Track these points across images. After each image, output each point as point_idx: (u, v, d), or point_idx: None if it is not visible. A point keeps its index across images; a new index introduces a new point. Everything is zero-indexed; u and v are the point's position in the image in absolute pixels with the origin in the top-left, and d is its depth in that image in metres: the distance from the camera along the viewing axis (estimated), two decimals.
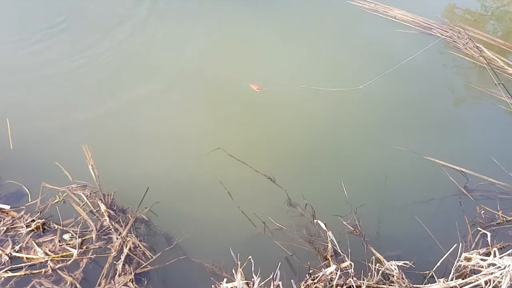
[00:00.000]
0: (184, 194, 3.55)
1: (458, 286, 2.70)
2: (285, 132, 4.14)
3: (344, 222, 3.31)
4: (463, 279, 2.77)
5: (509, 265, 2.62)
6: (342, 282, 2.70)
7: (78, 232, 3.07)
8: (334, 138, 4.11)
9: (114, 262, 2.96)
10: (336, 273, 2.70)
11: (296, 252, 3.21)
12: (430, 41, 5.22)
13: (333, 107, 4.38)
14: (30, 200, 3.29)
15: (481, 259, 2.83)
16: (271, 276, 2.57)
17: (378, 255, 3.12)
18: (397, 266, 2.83)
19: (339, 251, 3.06)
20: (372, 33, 5.41)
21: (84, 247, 3.03)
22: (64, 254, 2.97)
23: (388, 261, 2.89)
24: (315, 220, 3.29)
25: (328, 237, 3.09)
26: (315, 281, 2.72)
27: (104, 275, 2.91)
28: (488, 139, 4.29)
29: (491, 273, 2.70)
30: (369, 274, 2.85)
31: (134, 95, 4.28)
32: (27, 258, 2.92)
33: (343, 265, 2.88)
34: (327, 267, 2.85)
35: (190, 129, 4.05)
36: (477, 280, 2.70)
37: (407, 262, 2.86)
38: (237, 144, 3.85)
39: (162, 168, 3.68)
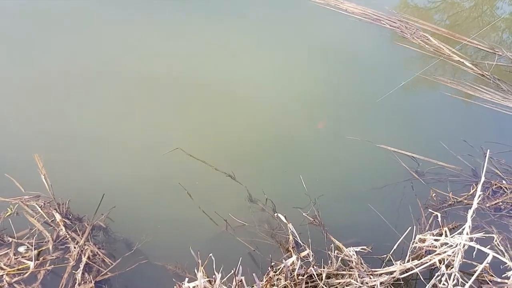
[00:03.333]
0: (142, 198, 3.51)
1: (414, 267, 2.79)
2: (242, 129, 4.16)
3: (304, 214, 3.38)
4: (418, 259, 2.86)
5: (460, 243, 2.74)
6: (303, 272, 2.75)
7: (33, 244, 2.98)
8: (290, 132, 4.16)
9: (73, 271, 2.89)
10: (297, 263, 2.75)
11: (259, 246, 3.24)
12: (379, 32, 5.40)
13: (287, 101, 4.44)
14: None
15: (435, 240, 2.94)
16: (232, 272, 2.59)
17: (337, 242, 3.21)
18: (356, 252, 2.91)
19: (300, 242, 3.12)
20: (325, 27, 5.50)
21: (41, 258, 2.94)
22: (20, 267, 2.88)
23: (347, 248, 2.96)
24: (275, 214, 3.33)
25: (289, 229, 3.15)
26: (277, 272, 2.75)
27: (63, 286, 2.84)
28: (436, 125, 4.48)
29: (444, 252, 2.81)
30: (329, 261, 2.92)
31: (85, 100, 4.18)
32: None
33: (303, 254, 2.93)
34: (288, 258, 2.89)
35: (146, 132, 3.99)
36: (432, 260, 2.81)
37: (365, 247, 2.95)
38: (195, 145, 3.84)
39: (118, 173, 3.63)
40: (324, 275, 2.74)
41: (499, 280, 2.90)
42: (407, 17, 5.78)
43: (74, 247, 3.01)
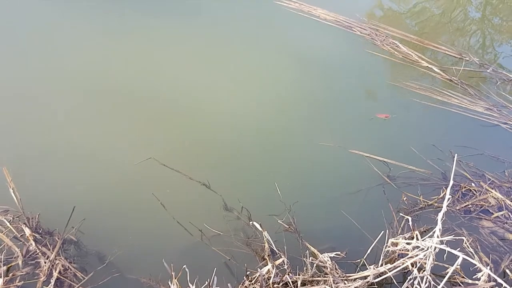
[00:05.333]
0: (114, 210, 3.44)
1: (387, 271, 2.83)
2: (215, 138, 4.14)
3: (279, 221, 3.39)
4: (392, 263, 2.90)
5: (431, 246, 2.79)
6: (278, 280, 2.76)
7: (2, 259, 2.89)
8: (263, 139, 4.18)
9: (44, 287, 2.81)
10: (273, 271, 2.75)
11: (235, 256, 3.23)
12: (350, 39, 5.50)
13: (259, 108, 4.46)
14: None
15: (407, 243, 2.98)
16: (207, 283, 2.57)
17: (312, 249, 3.23)
18: (330, 257, 2.93)
19: (276, 249, 3.12)
20: (297, 33, 5.56)
21: (11, 274, 2.86)
22: None
23: (322, 254, 2.98)
24: (251, 222, 3.33)
25: (264, 237, 3.14)
26: (252, 282, 2.76)
27: None
28: (406, 130, 4.58)
29: (416, 255, 2.85)
30: (305, 268, 2.94)
31: (53, 113, 4.11)
32: None
33: (278, 262, 2.94)
34: (264, 267, 2.89)
35: (117, 143, 3.94)
36: (404, 263, 2.85)
37: (339, 253, 2.98)
38: (168, 154, 3.81)
39: (89, 185, 3.55)
40: (299, 282, 2.76)
41: (470, 281, 2.97)
42: (377, 24, 5.91)
43: (45, 262, 2.93)
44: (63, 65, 4.60)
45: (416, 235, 2.99)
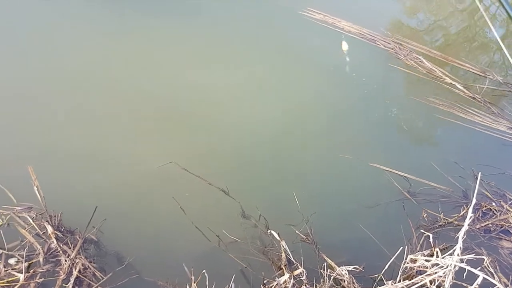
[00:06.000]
0: (135, 212, 3.50)
1: (405, 287, 2.81)
2: (237, 145, 4.16)
3: (296, 231, 3.38)
4: (409, 280, 2.88)
5: (451, 264, 2.76)
6: None
7: (24, 256, 2.95)
8: (284, 149, 4.18)
9: (64, 285, 2.87)
10: (290, 282, 2.75)
11: (251, 263, 3.23)
12: (373, 53, 5.49)
13: (282, 117, 4.47)
14: None
15: (426, 260, 2.96)
16: None
17: (329, 261, 3.21)
18: (348, 271, 2.92)
19: (293, 259, 3.12)
20: (321, 44, 5.56)
21: (31, 271, 2.92)
22: (10, 279, 2.85)
23: (339, 267, 2.97)
24: (268, 231, 3.34)
25: (282, 247, 3.15)
26: None
27: None
28: (428, 146, 4.55)
29: (435, 273, 2.82)
30: (322, 280, 2.93)
31: (78, 114, 4.18)
32: None
33: (296, 272, 2.94)
34: (281, 277, 2.89)
35: (139, 146, 3.99)
36: (423, 280, 2.82)
37: (357, 266, 2.96)
38: (189, 159, 3.84)
39: (111, 186, 3.62)
40: None
41: None
42: (401, 39, 5.88)
43: (65, 260, 2.99)
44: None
45: (436, 252, 2.96)
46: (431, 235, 3.09)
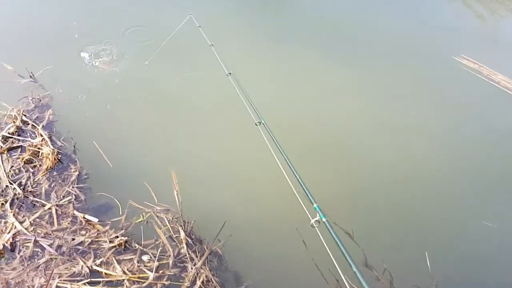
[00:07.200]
0: (259, 234, 3.51)
1: None
2: (371, 188, 3.99)
3: None
4: None
5: None
6: None
7: (156, 255, 3.12)
8: (420, 201, 3.91)
9: None
10: None
11: None
12: None
13: (420, 167, 4.20)
14: (120, 213, 3.42)
15: None
16: None
17: None
18: None
19: None
20: (473, 96, 5.14)
21: (160, 271, 3.06)
22: (141, 275, 3.01)
23: None
24: None
25: None
26: None
27: None
28: None
29: None
30: None
31: (228, 132, 4.34)
32: (105, 273, 2.99)
33: None
34: None
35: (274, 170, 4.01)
36: None
37: None
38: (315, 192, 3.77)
39: (241, 204, 3.68)
40: None
41: None
42: None
43: (191, 268, 3.09)
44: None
45: None
46: None
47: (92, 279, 2.95)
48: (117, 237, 3.18)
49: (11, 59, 4.62)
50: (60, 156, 3.73)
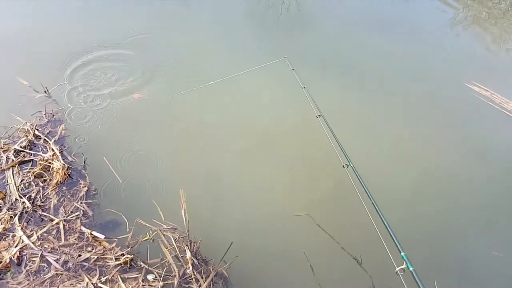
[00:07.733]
0: (264, 257, 3.47)
1: None
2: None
3: None
4: None
5: None
6: None
7: (162, 275, 3.10)
8: (431, 235, 3.80)
9: None
10: None
11: None
12: None
13: (432, 198, 4.13)
14: (127, 230, 3.42)
15: None
16: None
17: None
18: None
19: None
20: (481, 125, 5.11)
21: None
22: None
23: None
24: None
25: None
26: None
27: None
28: None
29: None
30: None
31: (233, 150, 4.34)
32: None
33: None
34: None
35: (281, 191, 4.00)
36: None
37: None
38: (324, 216, 3.74)
39: (246, 226, 3.66)
40: None
41: None
42: None
43: None
44: (239, 110, 4.91)
45: None
46: None
47: None
48: (123, 254, 3.17)
49: (28, 75, 4.73)
50: (70, 171, 3.76)
